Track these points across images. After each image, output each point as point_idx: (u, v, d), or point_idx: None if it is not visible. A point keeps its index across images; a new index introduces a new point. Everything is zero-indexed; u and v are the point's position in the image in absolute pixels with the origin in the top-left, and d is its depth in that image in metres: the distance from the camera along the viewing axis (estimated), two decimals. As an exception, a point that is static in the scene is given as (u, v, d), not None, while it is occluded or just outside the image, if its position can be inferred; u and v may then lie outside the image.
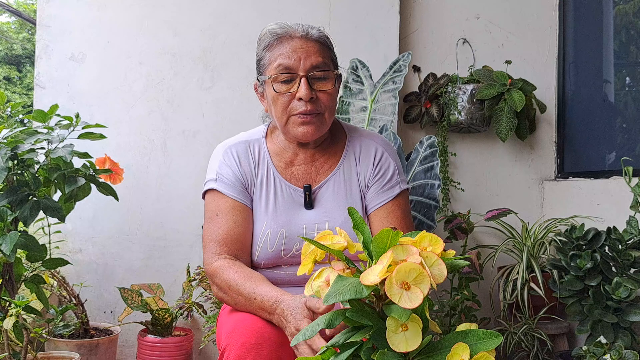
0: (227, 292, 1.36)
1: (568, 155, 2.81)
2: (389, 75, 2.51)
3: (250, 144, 1.53)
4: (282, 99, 1.42)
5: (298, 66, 1.40)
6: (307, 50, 1.41)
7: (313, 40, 1.43)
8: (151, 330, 2.27)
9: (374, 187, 1.51)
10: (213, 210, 1.47)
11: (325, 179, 1.50)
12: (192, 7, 2.56)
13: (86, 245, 2.49)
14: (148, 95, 2.54)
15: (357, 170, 1.52)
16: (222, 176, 1.48)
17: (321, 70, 1.42)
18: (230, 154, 1.50)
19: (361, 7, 2.64)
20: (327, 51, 1.46)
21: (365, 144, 1.54)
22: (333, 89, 1.44)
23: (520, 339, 2.22)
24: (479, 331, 0.75)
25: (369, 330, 0.75)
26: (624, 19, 2.60)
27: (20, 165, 1.81)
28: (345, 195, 1.49)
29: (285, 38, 1.43)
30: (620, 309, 1.89)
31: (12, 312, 1.68)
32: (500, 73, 2.61)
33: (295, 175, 1.50)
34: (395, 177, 1.52)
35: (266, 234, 1.44)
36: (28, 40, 10.17)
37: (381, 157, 1.53)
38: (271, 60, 1.43)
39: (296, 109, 1.41)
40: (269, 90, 1.45)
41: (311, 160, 1.51)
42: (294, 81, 1.41)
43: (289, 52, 1.41)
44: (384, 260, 0.72)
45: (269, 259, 1.45)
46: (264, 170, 1.50)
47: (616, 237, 1.95)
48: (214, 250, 1.42)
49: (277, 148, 1.53)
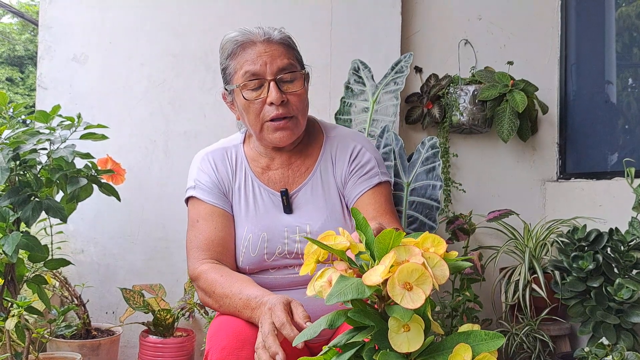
0: (211, 295, 1.34)
1: (570, 156, 2.81)
2: (391, 76, 2.51)
3: (227, 150, 1.53)
4: (254, 106, 1.41)
5: (265, 71, 1.39)
6: (272, 53, 1.40)
7: (276, 43, 1.42)
8: (153, 330, 2.27)
9: (352, 180, 1.48)
10: (194, 217, 1.48)
11: (303, 182, 1.49)
12: (194, 9, 2.57)
13: (88, 245, 2.49)
14: (150, 96, 2.54)
15: (334, 170, 1.50)
16: (200, 183, 1.49)
17: (289, 72, 1.41)
18: (207, 161, 1.51)
19: (363, 8, 2.64)
20: (292, 51, 1.45)
21: (342, 143, 1.52)
22: (302, 89, 1.44)
23: (522, 340, 2.22)
24: (481, 332, 0.75)
25: (371, 330, 0.75)
26: (626, 20, 2.60)
27: (23, 165, 1.82)
28: (323, 198, 1.48)
29: (248, 44, 1.41)
30: (623, 311, 1.88)
31: (14, 313, 1.69)
32: (502, 74, 2.61)
33: (272, 179, 1.50)
34: (375, 169, 1.50)
35: (248, 239, 1.44)
36: (30, 42, 10.19)
37: (358, 152, 1.51)
38: (237, 69, 1.42)
39: (269, 114, 1.40)
40: (238, 98, 1.44)
41: (288, 164, 1.51)
42: (263, 87, 1.40)
43: (254, 58, 1.39)
44: (387, 261, 0.72)
45: (253, 263, 1.44)
46: (241, 175, 1.50)
47: (618, 238, 1.94)
48: (197, 255, 1.42)
49: (254, 153, 1.52)
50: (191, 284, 2.35)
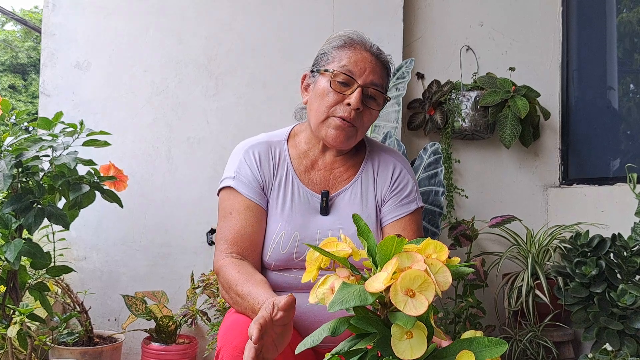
0: (227, 290, 1.37)
1: (572, 162, 2.81)
2: (393, 82, 2.51)
3: (271, 145, 1.54)
4: (331, 97, 1.44)
5: (360, 75, 1.43)
6: (374, 66, 1.45)
7: (381, 61, 1.48)
8: (155, 337, 2.27)
9: (392, 201, 1.53)
10: (227, 208, 1.48)
11: (344, 187, 1.52)
12: (197, 16, 2.58)
13: (90, 252, 2.49)
14: (153, 102, 2.55)
15: (375, 184, 1.54)
16: (240, 175, 1.49)
17: (377, 90, 1.46)
18: (251, 154, 1.51)
19: (365, 15, 2.65)
20: (386, 77, 1.51)
21: (383, 159, 1.57)
22: (378, 110, 1.49)
23: (525, 347, 2.21)
24: (484, 338, 0.75)
25: (373, 337, 0.75)
26: (627, 26, 2.60)
27: (25, 172, 1.82)
28: (361, 206, 1.51)
29: (359, 47, 1.47)
30: (626, 316, 1.88)
31: (17, 320, 1.69)
32: (504, 80, 2.61)
33: (313, 180, 1.52)
34: (414, 194, 1.55)
35: (280, 235, 1.45)
36: (33, 49, 10.24)
37: (400, 173, 1.55)
38: (337, 59, 1.45)
39: (340, 112, 1.43)
40: (321, 82, 1.46)
41: (330, 168, 1.53)
42: (350, 87, 1.43)
43: (357, 59, 1.44)
44: (389, 268, 0.72)
45: (280, 260, 1.45)
46: (283, 172, 1.51)
47: (621, 243, 1.94)
48: (223, 248, 1.43)
49: (299, 152, 1.54)
50: (194, 290, 2.35)
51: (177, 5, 2.57)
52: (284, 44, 2.58)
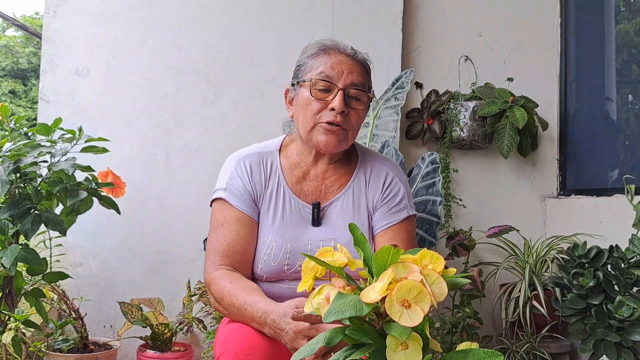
0: (220, 302, 1.36)
1: (570, 173, 2.81)
2: (391, 92, 2.52)
3: (263, 156, 1.54)
4: (315, 105, 1.44)
5: (339, 79, 1.43)
6: (351, 67, 1.45)
7: (358, 61, 1.48)
8: (151, 345, 2.26)
9: (382, 209, 1.52)
10: (219, 220, 1.48)
11: (335, 197, 1.51)
12: (196, 24, 2.59)
13: (87, 259, 2.49)
14: (151, 110, 2.55)
15: (366, 192, 1.53)
16: (232, 187, 1.49)
17: (359, 90, 1.45)
18: (242, 165, 1.51)
19: (364, 24, 2.66)
20: (367, 75, 1.50)
21: (376, 167, 1.56)
22: (364, 109, 1.48)
23: (522, 358, 2.20)
24: (480, 350, 0.75)
25: (369, 348, 0.75)
26: (625, 37, 2.61)
27: (23, 178, 1.82)
28: (352, 215, 1.50)
29: (333, 51, 1.47)
30: (623, 328, 1.87)
31: (12, 326, 1.68)
32: (502, 90, 2.62)
33: (305, 191, 1.51)
34: (405, 201, 1.54)
35: (271, 247, 1.45)
36: (34, 55, 10.26)
37: (391, 180, 1.55)
38: (313, 67, 1.46)
39: (325, 117, 1.44)
40: (303, 93, 1.47)
41: (322, 178, 1.53)
42: (331, 92, 1.44)
43: (333, 64, 1.44)
44: (385, 278, 0.72)
45: (272, 272, 1.45)
46: (274, 183, 1.51)
47: (619, 255, 1.94)
48: (214, 260, 1.43)
49: (290, 163, 1.54)
50: (190, 298, 2.35)
51: (177, 14, 2.58)
52: (283, 53, 2.59)
